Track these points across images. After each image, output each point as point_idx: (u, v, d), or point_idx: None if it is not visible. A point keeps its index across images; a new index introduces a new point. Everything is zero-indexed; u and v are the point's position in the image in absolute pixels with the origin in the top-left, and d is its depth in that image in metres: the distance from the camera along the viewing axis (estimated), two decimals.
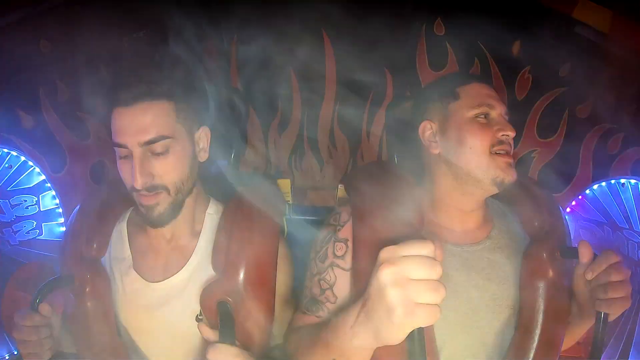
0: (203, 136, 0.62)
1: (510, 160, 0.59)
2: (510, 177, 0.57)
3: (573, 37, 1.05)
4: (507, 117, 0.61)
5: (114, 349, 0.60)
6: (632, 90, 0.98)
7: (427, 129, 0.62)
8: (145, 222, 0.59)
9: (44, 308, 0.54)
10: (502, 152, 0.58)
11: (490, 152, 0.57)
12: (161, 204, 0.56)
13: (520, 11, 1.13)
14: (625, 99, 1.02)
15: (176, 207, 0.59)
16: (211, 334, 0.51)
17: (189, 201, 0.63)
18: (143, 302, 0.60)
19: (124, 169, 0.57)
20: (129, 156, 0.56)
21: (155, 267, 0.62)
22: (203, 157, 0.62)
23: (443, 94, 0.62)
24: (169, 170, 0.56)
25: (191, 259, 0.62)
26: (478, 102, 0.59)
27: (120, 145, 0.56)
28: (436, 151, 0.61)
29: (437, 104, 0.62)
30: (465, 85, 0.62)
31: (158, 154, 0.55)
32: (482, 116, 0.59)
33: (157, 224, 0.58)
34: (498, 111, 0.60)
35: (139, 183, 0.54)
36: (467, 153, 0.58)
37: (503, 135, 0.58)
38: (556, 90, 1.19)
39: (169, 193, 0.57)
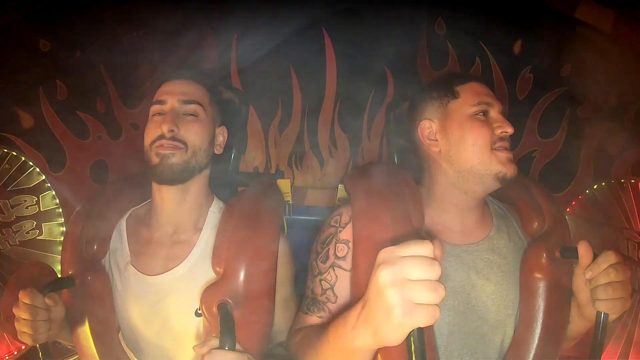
0: (221, 133, 0.69)
1: (511, 156, 0.59)
2: (511, 171, 0.58)
3: (575, 37, 1.05)
4: (506, 120, 0.61)
5: (114, 350, 0.61)
6: (633, 90, 0.98)
7: (427, 128, 0.63)
8: (155, 175, 0.61)
9: (52, 297, 0.55)
10: (502, 148, 0.59)
11: (492, 149, 0.58)
12: (176, 155, 0.61)
13: (522, 10, 1.13)
14: (627, 100, 1.02)
15: (186, 171, 0.62)
16: (206, 349, 0.51)
17: (195, 188, 0.64)
18: (142, 297, 0.61)
19: (152, 126, 0.63)
20: (162, 113, 0.63)
21: (155, 260, 0.62)
22: (218, 150, 0.69)
23: (442, 93, 0.63)
24: (192, 131, 0.62)
25: (192, 253, 0.62)
26: (477, 100, 0.60)
27: (159, 102, 0.63)
28: (436, 149, 0.62)
29: (436, 102, 0.63)
30: (464, 84, 0.62)
31: (188, 116, 0.63)
32: (481, 114, 0.60)
33: (166, 176, 0.60)
34: (496, 109, 0.61)
35: (166, 127, 0.60)
36: (469, 150, 0.58)
37: (502, 132, 0.59)
38: (557, 90, 1.19)
39: (186, 150, 0.61)
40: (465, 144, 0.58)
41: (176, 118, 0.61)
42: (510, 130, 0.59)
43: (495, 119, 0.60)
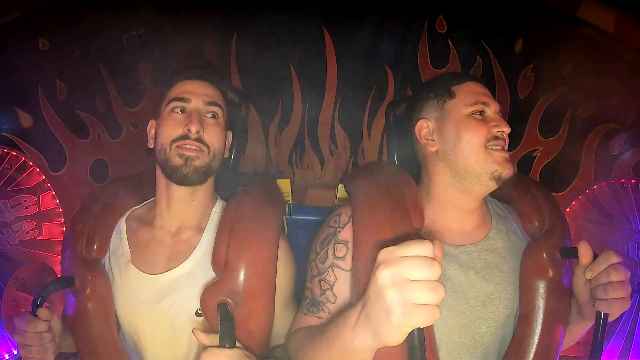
0: (228, 137, 0.70)
1: (507, 155, 0.59)
2: (507, 171, 0.58)
3: (576, 36, 1.04)
4: (501, 115, 0.61)
5: (114, 350, 0.61)
6: (635, 90, 0.97)
7: (424, 127, 0.63)
8: (178, 176, 0.60)
9: (43, 313, 0.55)
10: (497, 147, 0.59)
11: (486, 147, 0.58)
12: (200, 158, 0.60)
13: (523, 9, 1.12)
14: (628, 99, 1.02)
15: (207, 174, 0.62)
16: (206, 340, 0.51)
17: (204, 189, 0.64)
18: (143, 297, 0.61)
19: (172, 122, 0.62)
20: (184, 110, 0.63)
21: (157, 260, 0.62)
22: (226, 153, 0.69)
23: (439, 93, 0.63)
24: (214, 133, 0.63)
25: (194, 252, 0.62)
26: (474, 100, 0.60)
27: (182, 99, 0.62)
28: (433, 149, 0.62)
29: (433, 102, 0.63)
30: (460, 84, 0.63)
31: (210, 119, 0.63)
32: (478, 113, 0.60)
33: (190, 178, 0.60)
34: (493, 108, 0.61)
35: (194, 128, 0.60)
36: (465, 149, 0.58)
37: (498, 131, 0.59)
38: (559, 90, 1.18)
39: (208, 152, 0.61)
40: (462, 143, 0.59)
41: (200, 119, 0.61)
42: (506, 129, 0.59)
43: (492, 118, 0.60)
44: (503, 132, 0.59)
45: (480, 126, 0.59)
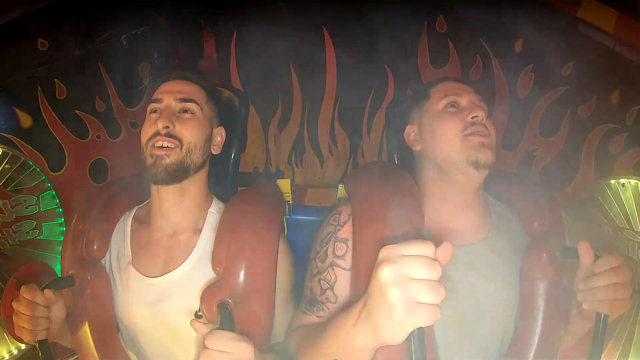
0: (219, 133, 0.69)
1: (484, 140, 0.58)
2: (484, 155, 0.57)
3: (577, 36, 1.04)
4: (481, 104, 0.61)
5: (114, 350, 0.61)
6: (635, 90, 0.97)
7: (411, 132, 0.66)
8: (150, 176, 0.60)
9: (48, 293, 0.55)
10: (475, 133, 0.58)
11: (464, 135, 0.59)
12: (171, 155, 0.60)
13: (523, 9, 1.12)
14: (628, 99, 1.02)
15: (181, 170, 0.61)
16: (205, 330, 0.51)
17: (193, 188, 0.64)
18: (142, 298, 0.61)
19: (148, 123, 0.63)
20: (159, 111, 0.63)
21: (155, 262, 0.62)
22: (216, 150, 0.68)
23: (419, 97, 0.67)
24: (188, 128, 0.62)
25: (192, 254, 0.62)
26: (444, 94, 0.62)
27: (156, 100, 0.64)
28: (418, 148, 0.64)
29: (416, 108, 0.67)
30: (436, 86, 0.65)
31: (184, 114, 0.63)
32: (451, 105, 0.61)
33: (161, 177, 0.60)
34: (467, 99, 0.62)
35: (161, 124, 0.60)
36: (440, 140, 0.60)
37: (473, 117, 0.59)
38: (559, 89, 1.19)
39: (181, 148, 0.61)
40: (435, 137, 0.60)
41: (171, 115, 0.61)
42: (480, 113, 0.59)
43: (466, 107, 0.61)
44: (477, 116, 0.58)
45: (452, 117, 0.60)
